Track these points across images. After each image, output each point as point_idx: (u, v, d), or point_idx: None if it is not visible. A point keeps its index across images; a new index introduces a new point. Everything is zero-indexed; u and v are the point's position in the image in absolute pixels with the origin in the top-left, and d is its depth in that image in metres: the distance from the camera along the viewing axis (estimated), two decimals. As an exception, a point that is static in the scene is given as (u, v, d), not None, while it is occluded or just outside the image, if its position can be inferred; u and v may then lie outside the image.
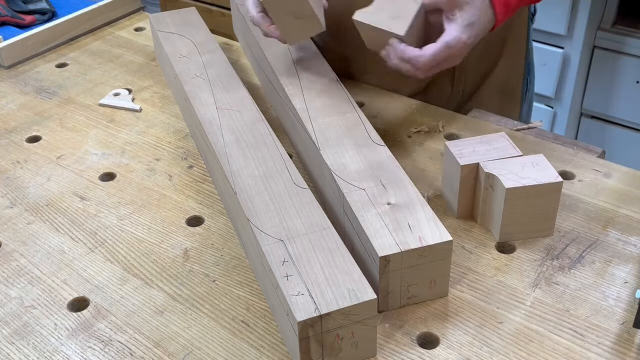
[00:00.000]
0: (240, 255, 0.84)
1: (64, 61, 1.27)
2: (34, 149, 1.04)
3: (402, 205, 0.77)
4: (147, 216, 0.90)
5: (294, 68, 1.02)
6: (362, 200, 0.78)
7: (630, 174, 0.93)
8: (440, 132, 1.02)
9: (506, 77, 1.16)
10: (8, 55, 1.24)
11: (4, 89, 1.19)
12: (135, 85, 1.18)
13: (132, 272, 0.82)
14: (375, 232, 0.74)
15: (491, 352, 0.71)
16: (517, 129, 1.03)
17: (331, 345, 0.67)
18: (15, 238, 0.88)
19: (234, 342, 0.73)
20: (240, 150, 0.87)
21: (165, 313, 0.77)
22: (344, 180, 0.81)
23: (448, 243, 0.73)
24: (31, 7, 1.64)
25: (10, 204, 0.93)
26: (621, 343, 0.71)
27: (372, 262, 0.73)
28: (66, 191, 0.95)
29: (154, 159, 1.00)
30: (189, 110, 0.99)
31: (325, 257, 0.71)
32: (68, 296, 0.79)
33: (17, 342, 0.74)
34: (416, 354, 0.71)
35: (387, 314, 0.75)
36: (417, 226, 0.74)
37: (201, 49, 1.10)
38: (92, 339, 0.74)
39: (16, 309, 0.78)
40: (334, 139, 0.88)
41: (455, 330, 0.73)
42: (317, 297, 0.66)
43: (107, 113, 1.11)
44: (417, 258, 0.73)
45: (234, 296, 0.78)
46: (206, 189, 0.95)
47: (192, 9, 1.22)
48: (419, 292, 0.75)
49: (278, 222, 0.76)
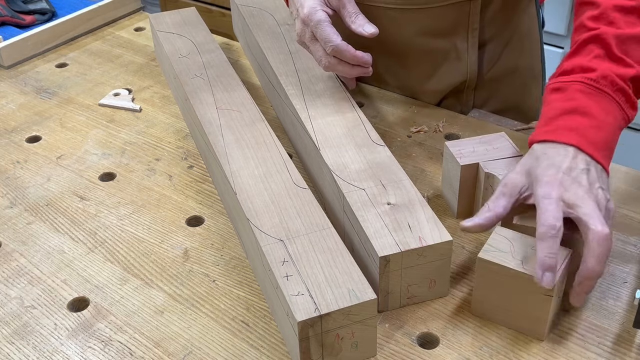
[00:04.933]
0: (240, 255, 0.84)
1: (64, 61, 1.27)
2: (34, 149, 1.04)
3: (402, 205, 0.77)
4: (147, 216, 0.90)
5: (294, 68, 1.02)
6: (362, 200, 0.78)
7: (630, 174, 0.93)
8: (440, 132, 1.02)
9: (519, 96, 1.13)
10: (8, 55, 1.24)
11: (4, 89, 1.19)
12: (135, 85, 1.18)
13: (132, 272, 0.82)
14: (375, 232, 0.74)
15: (491, 352, 0.71)
16: (517, 129, 1.03)
17: (331, 345, 0.67)
18: (15, 238, 0.88)
19: (234, 342, 0.73)
20: (240, 150, 0.87)
21: (165, 313, 0.77)
22: (344, 180, 0.81)
23: (448, 243, 0.73)
24: (31, 7, 1.64)
25: (10, 204, 0.93)
26: (621, 343, 0.71)
27: (372, 262, 0.73)
28: (66, 191, 0.95)
29: (154, 159, 1.00)
30: (189, 110, 0.99)
31: (325, 257, 0.71)
32: (68, 296, 0.79)
33: (17, 342, 0.74)
34: (416, 354, 0.71)
35: (387, 314, 0.75)
36: (417, 226, 0.75)
37: (201, 49, 1.10)
38: (92, 339, 0.74)
39: (16, 309, 0.78)
40: (334, 139, 0.88)
41: (455, 330, 0.73)
42: (317, 297, 0.66)
43: (107, 113, 1.11)
44: (417, 258, 0.73)
45: (234, 296, 0.78)
46: (206, 189, 0.95)
47: (192, 9, 1.22)
48: (419, 292, 0.75)
49: (278, 222, 0.76)
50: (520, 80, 1.12)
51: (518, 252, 0.70)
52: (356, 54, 0.90)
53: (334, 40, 0.89)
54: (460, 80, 1.08)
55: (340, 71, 0.93)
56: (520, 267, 0.69)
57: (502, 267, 0.69)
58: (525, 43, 1.10)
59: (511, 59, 1.10)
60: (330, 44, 0.89)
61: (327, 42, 0.89)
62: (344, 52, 0.89)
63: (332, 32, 0.89)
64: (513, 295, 0.70)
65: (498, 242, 0.72)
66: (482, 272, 0.71)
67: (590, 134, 0.74)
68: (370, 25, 0.91)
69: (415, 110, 1.08)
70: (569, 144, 0.74)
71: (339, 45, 0.89)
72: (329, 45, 0.89)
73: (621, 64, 0.78)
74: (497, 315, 0.73)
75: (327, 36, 0.89)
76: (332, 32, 0.89)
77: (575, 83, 0.77)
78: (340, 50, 0.89)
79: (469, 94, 1.10)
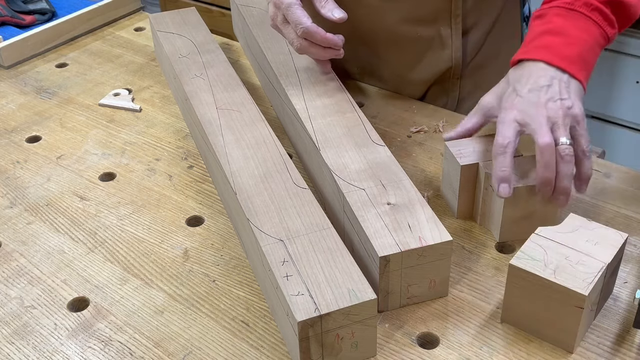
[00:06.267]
0: (240, 255, 0.84)
1: (64, 61, 1.27)
2: (34, 149, 1.04)
3: (402, 205, 0.77)
4: (147, 216, 0.90)
5: (294, 68, 1.02)
6: (362, 200, 0.78)
7: (630, 174, 0.93)
8: (440, 132, 1.02)
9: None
10: (8, 55, 1.24)
11: (4, 89, 1.19)
12: (135, 85, 1.18)
13: (132, 272, 0.82)
14: (375, 232, 0.74)
15: (491, 352, 0.71)
16: (517, 129, 1.03)
17: (331, 345, 0.67)
18: (15, 238, 0.88)
19: (234, 342, 0.73)
20: (240, 150, 0.87)
21: (165, 313, 0.77)
22: (344, 180, 0.81)
23: (448, 243, 0.73)
24: (31, 7, 1.64)
25: (10, 204, 0.93)
26: (621, 343, 0.71)
27: (372, 262, 0.73)
28: (66, 191, 0.95)
29: (153, 159, 1.00)
30: (189, 110, 0.99)
31: (325, 257, 0.71)
32: (68, 296, 0.79)
33: (17, 342, 0.74)
34: (416, 354, 0.71)
35: (387, 314, 0.75)
36: (417, 226, 0.74)
37: (201, 49, 1.10)
38: (92, 339, 0.74)
39: (16, 309, 0.78)
40: (334, 139, 0.88)
41: (455, 330, 0.73)
42: (317, 297, 0.66)
43: (107, 113, 1.11)
44: (417, 258, 0.73)
45: (234, 296, 0.78)
46: (206, 189, 0.95)
47: (192, 9, 1.22)
48: (419, 292, 0.75)
49: (278, 222, 0.76)
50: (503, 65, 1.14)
51: (551, 261, 0.69)
52: (326, 36, 0.93)
53: (304, 23, 0.91)
54: (445, 68, 1.09)
55: (313, 53, 0.96)
56: (553, 277, 0.68)
57: (534, 275, 0.68)
58: (507, 28, 1.11)
59: (495, 45, 1.11)
60: (300, 26, 0.91)
61: (297, 24, 0.91)
62: (314, 34, 0.92)
63: (302, 15, 0.91)
64: (543, 305, 0.69)
65: (531, 250, 0.71)
66: (514, 279, 0.70)
67: (562, 50, 0.82)
68: (339, 10, 0.94)
69: (416, 110, 1.08)
70: (538, 59, 0.82)
71: (309, 27, 0.91)
72: (299, 27, 0.92)
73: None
74: (527, 324, 0.72)
75: (297, 18, 0.91)
76: (303, 15, 0.91)
77: (554, 8, 0.86)
78: (310, 32, 0.92)
79: (455, 83, 1.11)
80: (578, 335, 0.69)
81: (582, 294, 0.66)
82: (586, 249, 0.71)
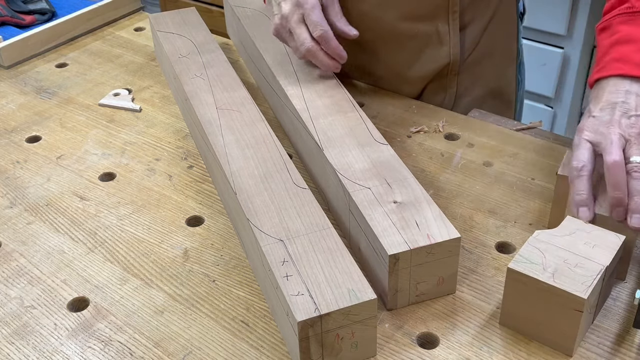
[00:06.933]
0: (240, 255, 0.84)
1: (63, 61, 1.27)
2: (34, 149, 1.04)
3: (409, 204, 0.77)
4: (147, 216, 0.90)
5: (292, 69, 1.02)
6: (368, 199, 0.78)
7: (631, 174, 0.93)
8: (440, 132, 1.02)
9: (498, 79, 1.16)
10: (8, 55, 1.24)
11: (4, 89, 1.19)
12: (135, 85, 1.18)
13: (132, 272, 0.82)
14: (383, 231, 0.74)
15: (491, 352, 0.71)
16: (517, 129, 1.03)
17: (331, 345, 0.67)
18: (15, 238, 0.88)
19: (234, 342, 0.73)
20: (240, 150, 0.87)
21: (165, 313, 0.77)
22: (349, 179, 0.81)
23: (456, 240, 0.73)
24: (31, 7, 1.64)
25: (10, 204, 0.93)
26: (621, 343, 0.71)
27: (381, 261, 0.73)
28: (66, 191, 0.95)
29: (153, 159, 1.00)
30: (189, 110, 0.99)
31: (325, 257, 0.71)
32: (68, 296, 0.79)
33: (17, 342, 0.74)
34: (416, 354, 0.71)
35: (387, 314, 0.75)
36: (424, 224, 0.74)
37: (201, 49, 1.10)
38: (92, 339, 0.74)
39: (16, 309, 0.78)
40: (337, 138, 0.88)
41: (455, 330, 0.73)
42: (317, 297, 0.66)
43: (107, 113, 1.11)
44: (426, 256, 0.73)
45: (234, 296, 0.78)
46: (206, 189, 0.95)
47: (192, 9, 1.22)
48: (428, 289, 0.75)
49: (278, 222, 0.76)
50: (499, 61, 1.15)
51: (549, 265, 0.69)
52: (339, 47, 0.95)
53: (325, 26, 0.93)
54: (443, 64, 1.09)
55: (318, 59, 0.97)
56: (551, 280, 0.67)
57: (533, 279, 0.68)
58: (503, 24, 1.12)
59: (491, 41, 1.12)
60: (320, 28, 0.93)
61: (317, 25, 0.93)
62: (331, 40, 0.94)
63: (324, 19, 0.93)
64: (542, 308, 0.69)
65: (529, 253, 0.71)
66: (512, 283, 0.70)
67: (633, 57, 0.79)
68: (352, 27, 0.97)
69: (415, 110, 1.08)
70: (613, 75, 0.79)
71: (329, 32, 0.93)
72: (319, 29, 0.93)
73: None
74: (526, 328, 0.71)
75: (319, 20, 0.93)
76: (324, 19, 0.93)
77: (616, 17, 0.83)
78: (327, 37, 0.93)
79: (452, 80, 1.11)
80: (577, 339, 0.69)
81: (581, 297, 0.66)
82: (584, 251, 0.70)
